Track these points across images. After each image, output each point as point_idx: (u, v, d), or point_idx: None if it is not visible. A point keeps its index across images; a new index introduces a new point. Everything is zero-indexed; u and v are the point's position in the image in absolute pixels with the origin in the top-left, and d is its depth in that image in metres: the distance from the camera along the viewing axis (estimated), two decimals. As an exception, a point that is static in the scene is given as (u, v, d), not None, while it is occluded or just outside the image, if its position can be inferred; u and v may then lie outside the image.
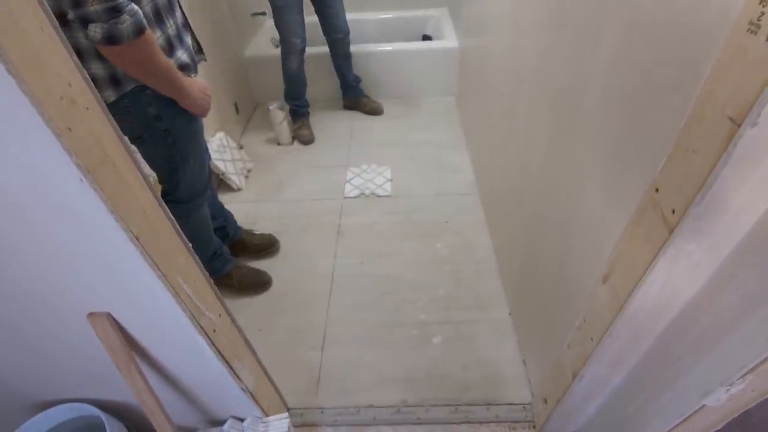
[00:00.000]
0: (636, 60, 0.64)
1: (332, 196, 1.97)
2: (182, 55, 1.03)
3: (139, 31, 0.82)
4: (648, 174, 0.59)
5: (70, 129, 0.46)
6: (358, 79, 2.49)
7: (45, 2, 0.43)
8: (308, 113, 2.39)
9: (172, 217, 0.66)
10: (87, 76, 0.49)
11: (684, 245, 0.54)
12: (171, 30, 1.00)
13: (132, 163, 0.56)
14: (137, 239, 0.56)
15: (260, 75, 2.59)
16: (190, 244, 1.16)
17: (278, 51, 2.58)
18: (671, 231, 0.54)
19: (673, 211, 0.54)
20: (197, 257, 0.72)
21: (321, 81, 2.53)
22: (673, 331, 0.65)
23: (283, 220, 1.87)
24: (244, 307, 1.53)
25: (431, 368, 1.33)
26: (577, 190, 0.87)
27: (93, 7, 0.75)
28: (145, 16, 0.92)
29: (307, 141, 2.31)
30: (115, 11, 0.77)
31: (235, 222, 1.66)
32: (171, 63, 0.94)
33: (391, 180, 2.03)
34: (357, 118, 2.51)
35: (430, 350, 1.37)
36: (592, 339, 0.77)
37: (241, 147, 2.20)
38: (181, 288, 0.66)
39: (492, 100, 1.62)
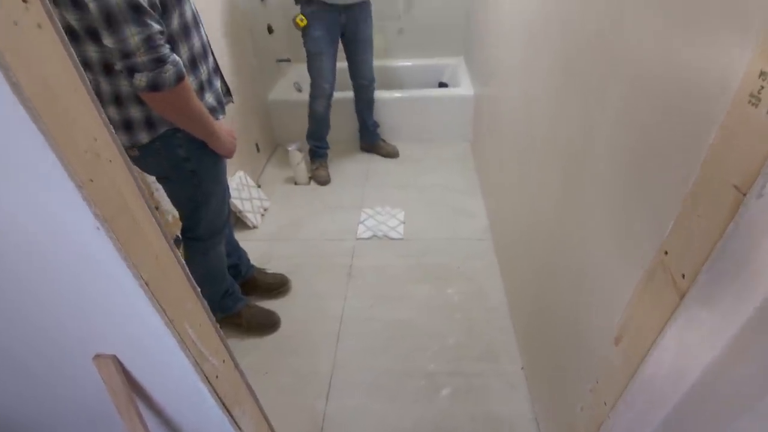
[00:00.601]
0: (640, 119, 0.65)
1: (345, 237, 1.99)
2: (209, 98, 1.10)
3: (179, 78, 0.88)
4: (656, 232, 0.59)
5: (91, 180, 0.48)
6: (376, 125, 2.56)
7: (80, 67, 0.47)
8: (327, 155, 2.46)
9: (184, 262, 0.67)
10: (112, 130, 0.52)
11: (696, 312, 0.52)
12: (203, 75, 1.06)
13: (149, 210, 0.59)
14: (147, 285, 0.57)
15: (282, 117, 2.70)
16: (204, 282, 1.18)
17: (300, 95, 2.71)
18: (682, 296, 0.53)
19: (683, 276, 0.53)
20: (205, 301, 0.73)
21: (340, 123, 2.62)
22: (691, 400, 0.62)
23: (296, 259, 1.88)
24: (252, 348, 1.52)
25: (439, 421, 1.27)
26: (587, 243, 0.86)
27: (141, 59, 0.82)
28: (182, 63, 0.99)
29: (324, 182, 2.37)
30: (160, 62, 0.84)
31: (248, 260, 1.68)
32: (204, 109, 1.00)
33: (404, 222, 2.04)
34: (373, 161, 2.56)
35: (438, 402, 1.32)
36: (605, 403, 0.73)
37: (259, 186, 2.26)
38: (187, 333, 0.66)
39: (505, 148, 1.65)
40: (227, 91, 1.23)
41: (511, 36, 1.52)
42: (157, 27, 0.83)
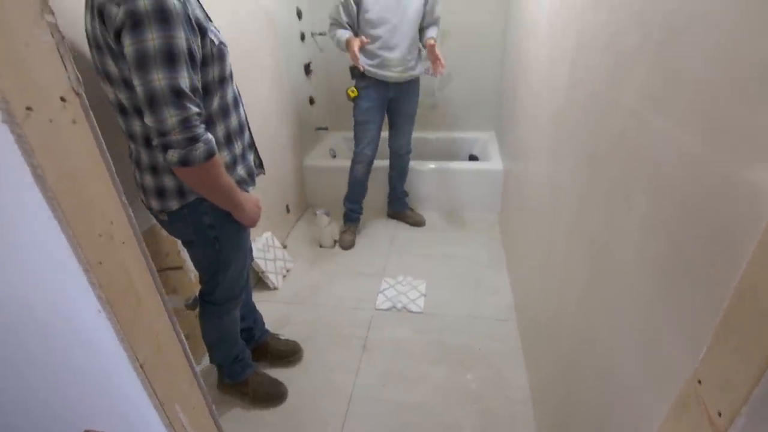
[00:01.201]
0: (668, 226, 0.62)
1: (363, 306, 1.94)
2: (241, 171, 1.15)
3: (209, 156, 0.93)
4: (689, 351, 0.53)
5: (100, 263, 0.49)
6: (405, 193, 2.60)
7: (108, 156, 0.50)
8: (359, 220, 2.50)
9: (185, 341, 0.66)
10: (130, 212, 0.54)
11: (737, 461, 0.45)
12: (237, 150, 1.13)
13: (155, 288, 0.59)
14: (142, 367, 0.56)
15: (315, 182, 2.80)
16: (216, 345, 1.15)
17: (334, 162, 2.82)
18: (719, 440, 0.46)
19: (720, 414, 0.47)
20: (202, 384, 0.71)
21: (370, 189, 2.67)
22: None
23: (312, 326, 1.84)
24: (256, 420, 1.45)
25: None
26: (612, 347, 0.79)
27: (175, 137, 0.87)
28: (217, 140, 1.04)
29: (347, 246, 2.38)
30: (193, 140, 0.89)
31: (263, 324, 1.66)
32: (232, 181, 1.05)
33: (425, 295, 1.98)
34: (399, 228, 2.57)
35: (448, 507, 1.19)
36: None
37: (284, 246, 2.30)
38: (177, 417, 0.63)
39: (531, 227, 1.61)
40: (260, 164, 1.29)
41: (539, 120, 1.54)
42: (194, 109, 0.88)
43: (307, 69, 2.82)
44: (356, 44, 1.89)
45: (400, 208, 2.62)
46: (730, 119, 0.49)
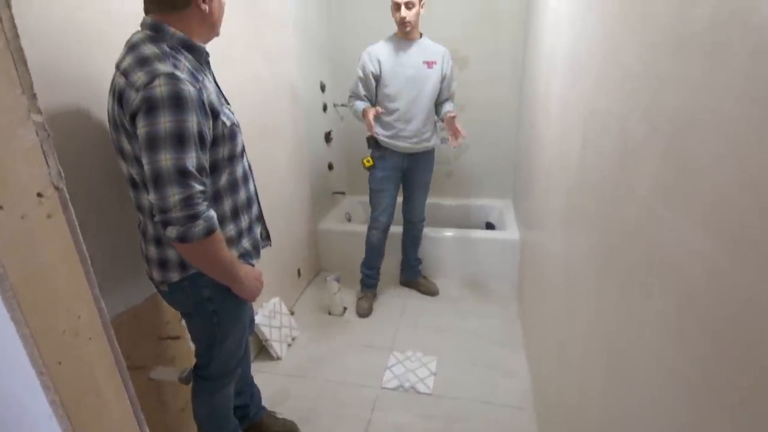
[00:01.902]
0: (690, 339, 0.55)
1: (369, 383, 1.83)
2: (246, 244, 1.14)
3: (209, 232, 0.92)
4: None
5: (59, 363, 0.46)
6: (419, 261, 2.55)
7: (83, 248, 0.48)
8: (376, 286, 2.45)
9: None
10: (103, 305, 0.51)
11: None
12: (244, 224, 1.13)
13: (124, 388, 0.55)
14: (95, 478, 0.50)
15: (329, 246, 2.78)
16: (206, 423, 1.09)
17: (349, 226, 2.82)
18: None
19: None
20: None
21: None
22: None
23: (313, 402, 1.73)
24: None
25: None
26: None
27: (176, 214, 0.88)
28: (223, 214, 1.05)
29: (364, 314, 2.32)
30: (193, 218, 0.89)
31: (259, 401, 1.56)
32: (232, 257, 1.04)
33: (434, 374, 1.86)
34: (412, 297, 2.48)
35: None
36: None
37: (292, 313, 2.24)
38: None
39: (548, 307, 1.52)
40: (266, 236, 1.29)
41: (551, 197, 1.51)
42: (198, 187, 0.90)
43: (328, 137, 2.92)
44: (371, 113, 1.96)
45: (413, 276, 2.55)
46: (751, 229, 0.44)
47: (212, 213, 0.93)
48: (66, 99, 1.02)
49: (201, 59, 1.01)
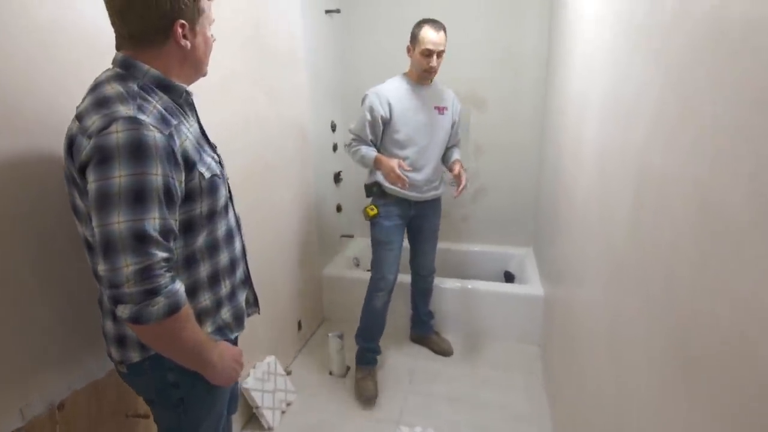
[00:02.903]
0: None
1: (372, 466, 1.57)
2: (226, 315, 0.96)
3: (171, 312, 0.74)
4: None
5: None
6: (431, 315, 2.32)
7: None
8: (377, 362, 2.06)
9: None
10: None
11: None
12: (224, 291, 0.95)
13: None
14: None
15: (334, 293, 2.58)
16: None
17: (356, 272, 2.62)
18: None
19: None
20: None
21: (390, 309, 2.41)
22: None
23: (305, 490, 1.48)
24: None
25: None
26: None
27: (129, 290, 0.70)
28: (198, 280, 0.88)
29: (370, 397, 1.89)
30: (152, 293, 0.71)
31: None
32: (201, 337, 0.84)
33: (449, 458, 1.59)
34: (422, 357, 2.23)
35: None
36: None
37: (288, 373, 2.01)
38: None
39: (583, 373, 1.27)
40: (254, 302, 1.10)
41: (589, 257, 1.30)
42: (161, 255, 0.73)
43: (337, 177, 2.79)
44: (395, 166, 1.73)
45: (425, 331, 2.31)
46: None
47: (177, 286, 0.76)
48: (27, 140, 0.88)
49: (179, 100, 0.86)
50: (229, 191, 0.98)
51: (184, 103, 0.88)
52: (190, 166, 0.80)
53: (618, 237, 1.01)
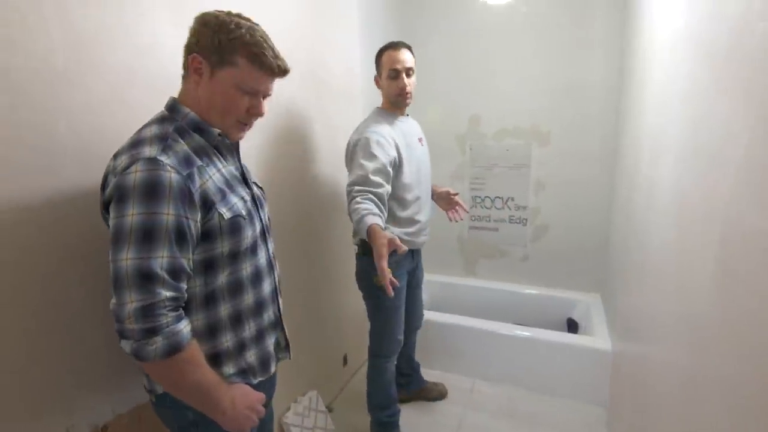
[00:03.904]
0: None
1: None
2: (251, 358, 0.94)
3: (169, 352, 0.74)
4: None
5: None
6: (419, 364, 2.15)
7: None
8: (399, 425, 1.86)
9: None
10: None
11: None
12: (248, 332, 0.93)
13: None
14: None
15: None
16: None
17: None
18: None
19: None
20: None
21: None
22: None
23: None
24: None
25: None
26: None
27: (130, 326, 0.72)
28: (218, 321, 0.88)
29: None
30: (151, 332, 0.72)
31: None
32: (211, 380, 0.82)
33: None
34: (468, 412, 2.06)
35: None
36: None
37: (330, 410, 1.95)
38: None
39: None
40: (285, 346, 1.07)
41: (663, 300, 1.13)
42: (165, 294, 0.74)
43: (391, 210, 2.76)
44: (386, 244, 1.21)
45: (420, 383, 2.13)
46: None
47: (180, 327, 0.76)
48: (97, 177, 0.95)
49: (213, 142, 0.89)
50: (265, 231, 0.98)
51: (220, 145, 0.90)
52: (208, 206, 0.81)
53: (699, 297, 0.86)
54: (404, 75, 1.60)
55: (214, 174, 0.85)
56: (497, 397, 2.12)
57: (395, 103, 1.65)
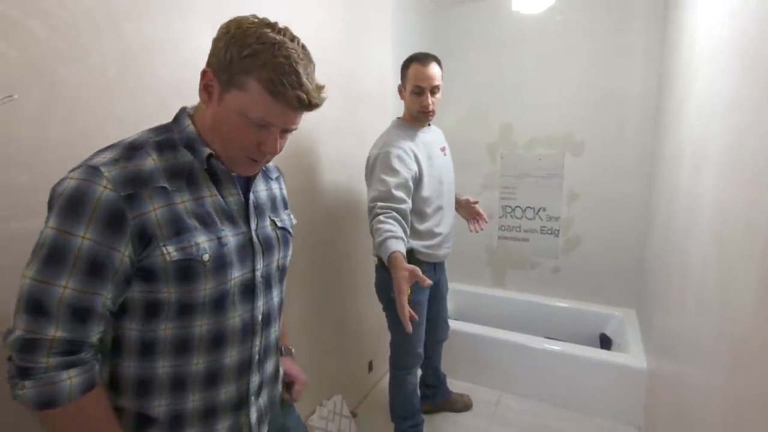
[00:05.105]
0: None
1: None
2: (220, 427, 0.75)
3: (40, 404, 0.60)
4: None
5: None
6: (445, 375, 2.12)
7: None
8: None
9: None
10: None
11: None
12: (190, 405, 0.72)
13: None
14: None
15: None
16: None
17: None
18: None
19: None
20: None
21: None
22: None
23: None
24: None
25: None
26: None
27: (9, 353, 0.61)
28: (154, 377, 0.69)
29: None
30: (23, 374, 0.59)
31: None
32: None
33: None
34: (494, 426, 2.02)
35: None
36: None
37: (354, 415, 1.96)
38: None
39: None
40: (287, 387, 0.90)
41: (704, 318, 1.09)
42: (55, 334, 0.60)
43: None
44: (406, 280, 1.15)
45: (446, 395, 2.10)
46: None
47: (61, 377, 0.60)
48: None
49: (202, 163, 0.71)
50: (257, 283, 0.77)
51: (216, 169, 0.72)
52: (146, 238, 0.64)
53: (742, 316, 0.82)
54: (429, 93, 1.57)
55: (183, 202, 0.67)
56: (524, 412, 2.07)
57: (417, 117, 1.63)
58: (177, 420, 0.71)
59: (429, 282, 1.14)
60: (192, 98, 1.11)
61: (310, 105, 0.69)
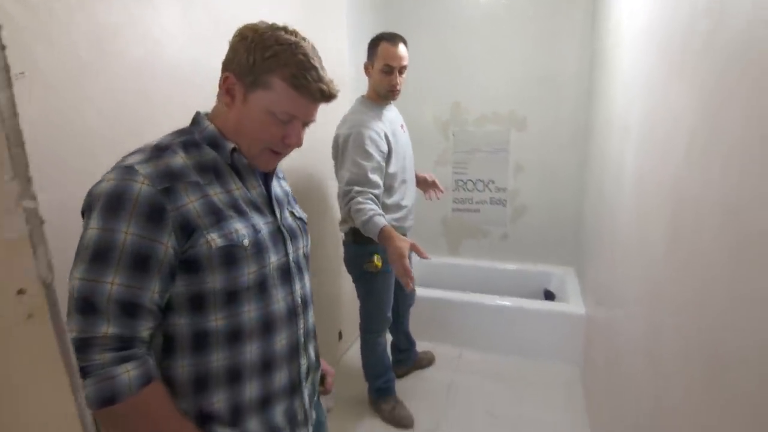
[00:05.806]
0: None
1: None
2: (253, 426, 0.75)
3: (100, 402, 0.61)
4: None
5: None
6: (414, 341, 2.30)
7: (71, 350, 0.41)
8: (395, 388, 1.99)
9: None
10: (89, 419, 0.43)
11: None
12: (248, 395, 0.75)
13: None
14: None
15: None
16: None
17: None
18: None
19: None
20: None
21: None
22: None
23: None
24: None
25: None
26: None
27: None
28: (210, 372, 0.71)
29: (409, 423, 1.87)
30: (81, 373, 0.59)
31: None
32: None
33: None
34: (457, 376, 2.24)
35: None
36: None
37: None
38: None
39: (623, 392, 1.27)
40: (305, 420, 0.86)
41: (628, 266, 1.31)
42: (107, 331, 0.62)
43: (379, 194, 2.88)
44: (406, 250, 1.37)
45: (415, 356, 2.27)
46: None
47: (118, 372, 0.61)
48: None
49: (226, 158, 0.75)
50: (292, 267, 0.81)
51: (237, 163, 0.76)
52: (189, 229, 0.67)
53: (655, 264, 1.03)
54: (398, 72, 1.63)
55: (216, 194, 0.71)
56: (482, 362, 2.31)
57: (384, 96, 1.69)
58: (236, 412, 0.73)
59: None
60: (164, 79, 1.14)
61: (330, 96, 0.75)
